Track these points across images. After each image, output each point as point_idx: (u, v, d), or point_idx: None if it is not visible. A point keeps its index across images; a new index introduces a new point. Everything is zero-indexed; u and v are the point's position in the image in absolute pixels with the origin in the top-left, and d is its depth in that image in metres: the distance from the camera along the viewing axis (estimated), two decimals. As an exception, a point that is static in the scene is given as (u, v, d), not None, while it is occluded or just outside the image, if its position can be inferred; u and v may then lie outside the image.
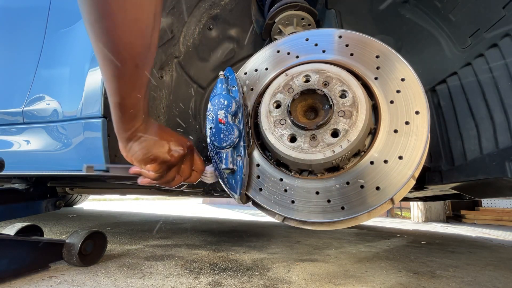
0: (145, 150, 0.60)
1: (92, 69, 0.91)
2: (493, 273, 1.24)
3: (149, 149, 0.60)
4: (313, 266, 1.25)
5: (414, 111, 0.65)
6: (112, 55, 0.43)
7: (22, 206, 1.30)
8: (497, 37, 0.80)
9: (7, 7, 1.25)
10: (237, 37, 1.30)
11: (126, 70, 0.46)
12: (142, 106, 0.54)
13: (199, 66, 1.26)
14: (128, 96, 0.50)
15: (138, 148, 0.59)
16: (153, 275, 1.03)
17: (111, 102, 0.51)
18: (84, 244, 1.08)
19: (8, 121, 1.09)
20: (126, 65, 0.45)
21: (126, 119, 0.54)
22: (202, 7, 1.14)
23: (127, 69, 0.46)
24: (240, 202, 0.75)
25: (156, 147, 0.61)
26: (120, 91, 0.49)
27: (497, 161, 0.79)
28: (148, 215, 3.55)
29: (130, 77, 0.47)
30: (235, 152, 0.71)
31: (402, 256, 1.52)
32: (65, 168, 0.98)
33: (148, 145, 0.60)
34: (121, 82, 0.47)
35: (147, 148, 0.60)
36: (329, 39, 0.79)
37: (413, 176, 0.63)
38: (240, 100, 0.75)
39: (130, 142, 0.59)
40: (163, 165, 0.64)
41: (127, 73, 0.46)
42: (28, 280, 0.93)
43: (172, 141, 0.65)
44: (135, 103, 0.51)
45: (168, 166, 0.65)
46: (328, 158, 0.66)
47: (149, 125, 0.60)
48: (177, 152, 0.65)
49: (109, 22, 0.40)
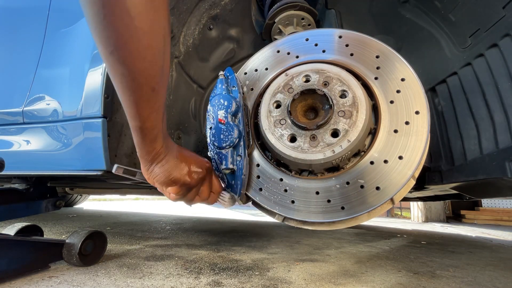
0: (167, 173, 0.61)
1: (92, 69, 0.91)
2: (493, 273, 1.24)
3: (171, 172, 0.61)
4: (313, 266, 1.25)
5: (414, 111, 0.65)
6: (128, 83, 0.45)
7: (22, 206, 1.30)
8: (497, 37, 0.80)
9: (7, 7, 1.25)
10: (237, 37, 1.30)
11: (144, 95, 0.48)
12: (162, 128, 0.55)
13: (199, 66, 1.26)
14: (147, 119, 0.51)
15: (160, 171, 0.61)
16: (153, 275, 1.03)
17: (132, 126, 0.53)
18: (84, 244, 1.08)
19: (8, 121, 1.09)
20: (143, 90, 0.47)
21: (148, 141, 0.55)
22: (202, 7, 1.14)
23: (144, 94, 0.47)
24: (240, 202, 0.75)
25: (177, 169, 0.62)
26: (140, 116, 0.50)
27: (497, 161, 0.79)
28: (148, 215, 3.55)
29: (148, 101, 0.49)
30: (235, 152, 0.71)
31: (402, 256, 1.52)
32: (65, 168, 0.98)
33: (169, 168, 0.61)
34: (139, 107, 0.49)
35: (168, 171, 0.61)
36: (329, 39, 0.79)
37: (413, 176, 0.63)
38: (240, 100, 0.75)
39: (153, 165, 0.60)
40: (183, 188, 0.65)
41: (145, 97, 0.48)
42: (28, 280, 0.93)
43: (192, 163, 0.66)
44: (155, 125, 0.53)
45: (188, 188, 0.66)
46: (328, 158, 0.66)
47: (170, 148, 0.61)
48: (197, 174, 0.66)
49: (123, 52, 0.42)
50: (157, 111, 0.52)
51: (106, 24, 0.40)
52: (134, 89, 0.46)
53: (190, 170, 0.65)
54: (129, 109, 0.50)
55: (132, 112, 0.50)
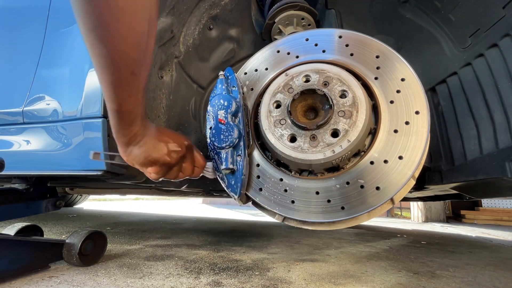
0: (145, 153, 0.61)
1: (92, 69, 0.91)
2: (493, 273, 1.24)
3: (149, 153, 0.61)
4: (313, 266, 1.25)
5: (414, 111, 0.65)
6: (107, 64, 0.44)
7: (22, 206, 1.29)
8: (497, 37, 0.80)
9: (7, 7, 1.25)
10: (237, 37, 1.30)
11: (122, 78, 0.46)
12: (140, 111, 0.54)
13: (199, 66, 1.26)
14: (125, 102, 0.50)
15: (138, 152, 0.60)
16: (153, 275, 1.03)
17: (109, 108, 0.51)
18: (84, 244, 1.08)
19: (8, 121, 1.09)
20: (121, 73, 0.45)
21: (124, 124, 0.54)
22: (202, 7, 1.14)
23: (123, 77, 0.46)
24: (240, 202, 0.75)
25: (156, 150, 0.62)
26: (117, 98, 0.49)
27: (497, 161, 0.79)
28: (148, 215, 3.55)
29: (126, 84, 0.47)
30: (235, 152, 0.71)
31: (402, 256, 1.52)
32: (65, 168, 0.98)
33: (147, 149, 0.61)
34: (117, 89, 0.48)
35: (147, 152, 0.61)
36: (329, 39, 0.79)
37: (413, 176, 0.63)
38: (240, 100, 0.75)
39: (130, 147, 0.59)
40: (163, 167, 0.65)
41: (123, 80, 0.46)
42: (28, 280, 0.93)
43: (170, 142, 0.65)
44: (132, 109, 0.52)
45: (169, 167, 0.66)
46: (328, 158, 0.66)
47: (148, 128, 0.60)
48: (176, 153, 0.66)
49: (103, 32, 0.40)
50: (136, 95, 0.50)
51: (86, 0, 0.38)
52: (112, 71, 0.45)
53: (169, 149, 0.64)
54: (106, 91, 0.48)
55: (110, 94, 0.48)
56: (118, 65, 0.44)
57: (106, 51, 0.42)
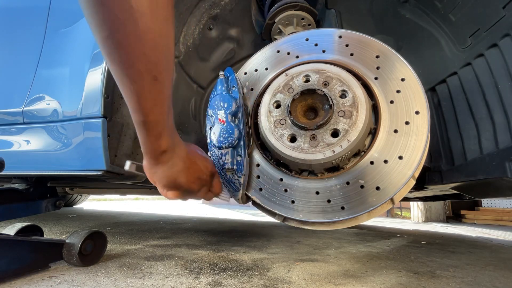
0: (171, 178, 0.57)
1: (92, 69, 0.91)
2: (493, 273, 1.24)
3: (176, 177, 0.58)
4: (313, 266, 1.25)
5: (414, 111, 0.66)
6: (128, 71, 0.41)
7: (22, 206, 1.29)
8: (497, 37, 0.80)
9: (7, 7, 1.25)
10: (237, 37, 1.30)
11: (145, 85, 0.43)
12: (167, 122, 0.51)
13: (199, 66, 1.26)
14: (150, 112, 0.46)
15: (164, 175, 0.57)
16: (153, 275, 1.03)
17: (135, 121, 0.48)
18: (84, 244, 1.08)
19: (8, 121, 1.09)
20: (143, 80, 0.43)
21: (152, 137, 0.50)
22: (202, 7, 1.14)
23: (146, 84, 0.43)
24: (240, 202, 0.75)
25: (183, 175, 0.59)
26: (142, 108, 0.46)
27: (497, 161, 0.79)
28: (148, 215, 3.55)
29: (149, 92, 0.44)
30: (235, 152, 0.71)
31: (402, 256, 1.52)
32: (65, 168, 0.98)
33: (174, 173, 0.57)
34: (141, 98, 0.44)
35: (173, 176, 0.57)
36: (329, 39, 0.79)
37: (413, 176, 0.63)
38: (240, 100, 0.75)
39: (158, 165, 0.56)
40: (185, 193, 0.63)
41: (146, 88, 0.44)
42: (28, 280, 0.93)
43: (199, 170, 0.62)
44: (159, 119, 0.48)
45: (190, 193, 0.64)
46: (328, 158, 0.66)
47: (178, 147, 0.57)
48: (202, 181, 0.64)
49: (120, 35, 0.38)
50: (161, 104, 0.47)
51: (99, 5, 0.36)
52: (133, 78, 0.42)
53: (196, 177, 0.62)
54: (129, 101, 0.45)
55: (133, 104, 0.45)
56: (139, 71, 0.42)
57: (125, 56, 0.40)
